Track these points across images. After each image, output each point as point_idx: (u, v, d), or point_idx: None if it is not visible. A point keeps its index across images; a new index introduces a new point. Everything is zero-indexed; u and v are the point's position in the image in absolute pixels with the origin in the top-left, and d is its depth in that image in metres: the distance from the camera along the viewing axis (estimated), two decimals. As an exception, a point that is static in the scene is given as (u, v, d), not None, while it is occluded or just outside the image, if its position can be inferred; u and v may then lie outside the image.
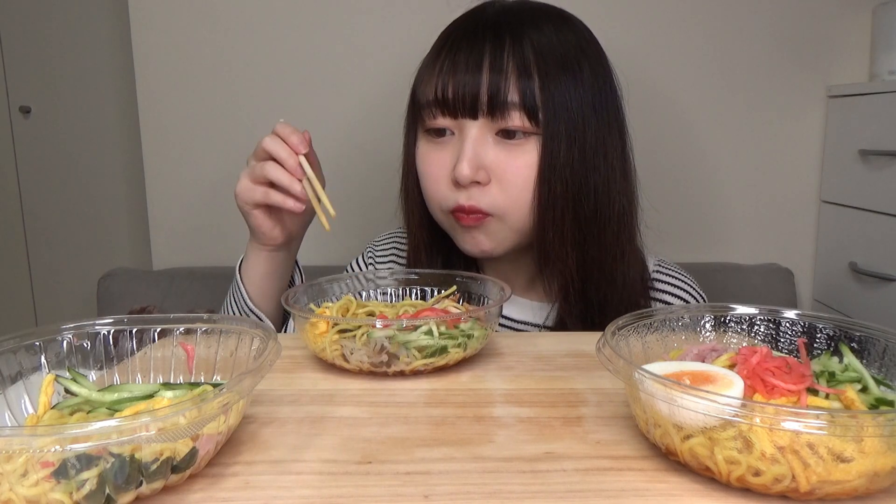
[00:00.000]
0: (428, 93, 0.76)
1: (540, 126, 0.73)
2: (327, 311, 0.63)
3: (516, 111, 0.73)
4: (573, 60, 0.75)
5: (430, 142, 0.79)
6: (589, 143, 0.75)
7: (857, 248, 1.34)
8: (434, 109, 0.76)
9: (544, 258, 0.78)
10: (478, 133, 0.75)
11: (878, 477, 0.36)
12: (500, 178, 0.75)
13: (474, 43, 0.75)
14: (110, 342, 0.50)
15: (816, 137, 1.43)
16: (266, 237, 0.80)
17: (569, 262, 0.77)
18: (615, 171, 0.78)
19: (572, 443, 0.44)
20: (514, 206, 0.75)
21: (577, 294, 0.78)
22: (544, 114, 0.73)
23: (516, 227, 0.77)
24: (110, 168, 1.74)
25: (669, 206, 1.43)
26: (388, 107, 1.37)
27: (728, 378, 0.41)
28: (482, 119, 0.74)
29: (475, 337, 0.58)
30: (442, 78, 0.75)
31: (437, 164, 0.78)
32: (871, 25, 1.38)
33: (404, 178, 0.85)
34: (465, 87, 0.73)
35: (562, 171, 0.74)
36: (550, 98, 0.73)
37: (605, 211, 0.77)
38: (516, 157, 0.74)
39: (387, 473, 0.40)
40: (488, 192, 0.75)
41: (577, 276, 0.77)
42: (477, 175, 0.74)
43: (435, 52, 0.78)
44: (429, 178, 0.79)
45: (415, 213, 0.84)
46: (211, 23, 1.38)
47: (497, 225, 0.77)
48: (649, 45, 1.38)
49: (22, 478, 0.34)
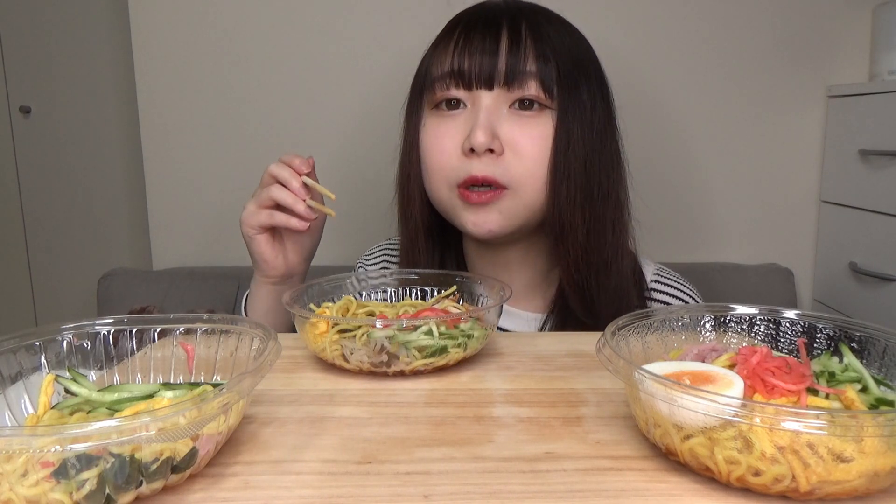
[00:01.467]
0: (443, 66, 0.76)
1: (555, 101, 0.74)
2: (327, 311, 0.63)
3: (534, 81, 0.73)
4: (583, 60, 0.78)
5: (439, 116, 0.78)
6: (597, 128, 0.76)
7: (857, 248, 1.34)
8: (448, 81, 0.76)
9: (555, 235, 0.77)
10: (492, 103, 0.74)
11: (878, 477, 0.36)
12: (514, 148, 0.74)
13: (490, 23, 0.76)
14: (110, 342, 0.50)
15: (816, 137, 1.43)
16: (269, 266, 0.79)
17: (580, 237, 0.76)
18: (614, 162, 0.79)
19: (572, 443, 0.44)
20: (529, 178, 0.74)
21: (582, 278, 0.78)
22: (559, 90, 0.74)
23: (529, 201, 0.76)
24: (110, 168, 1.74)
25: (669, 206, 1.43)
26: (388, 106, 1.37)
27: (728, 378, 0.41)
28: (497, 90, 0.74)
29: (475, 337, 0.58)
30: (458, 52, 0.75)
31: (447, 136, 0.76)
32: (871, 25, 1.38)
33: (403, 163, 0.83)
34: (481, 59, 0.74)
35: (575, 146, 0.74)
36: (566, 75, 0.74)
37: (606, 198, 0.78)
38: (531, 129, 0.74)
39: (387, 473, 0.40)
40: (502, 161, 0.74)
41: (585, 255, 0.77)
42: (492, 143, 0.73)
43: (447, 33, 0.78)
44: (437, 150, 0.77)
45: (414, 198, 0.82)
46: (211, 23, 1.38)
47: (511, 200, 0.75)
48: (649, 45, 1.38)
49: (22, 478, 0.34)
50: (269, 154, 1.40)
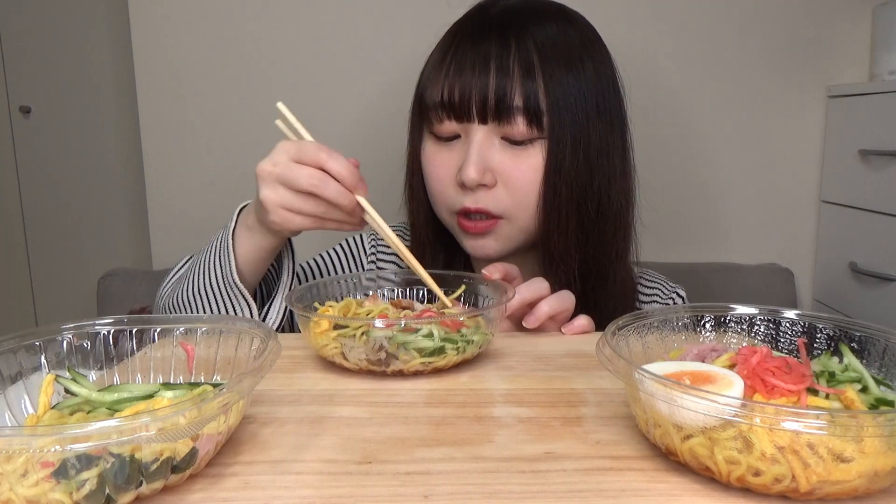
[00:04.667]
0: (434, 95, 0.77)
1: (544, 131, 0.74)
2: (330, 310, 0.63)
3: (521, 116, 0.73)
4: (576, 58, 0.76)
5: (436, 144, 0.79)
6: (593, 145, 0.76)
7: (857, 248, 1.34)
8: (441, 112, 0.76)
9: (549, 259, 0.78)
10: (484, 136, 0.75)
11: (878, 477, 0.36)
12: (505, 180, 0.76)
13: (479, 44, 0.75)
14: (110, 342, 0.50)
15: (816, 137, 1.43)
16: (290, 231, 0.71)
17: (572, 262, 0.78)
18: (616, 170, 0.78)
19: (572, 443, 0.44)
20: (521, 208, 0.76)
21: (577, 294, 0.79)
22: (549, 118, 0.74)
23: (525, 227, 0.78)
24: (110, 168, 1.74)
25: (669, 206, 1.43)
26: (387, 106, 1.37)
27: (728, 378, 0.41)
28: (488, 123, 0.75)
29: (475, 342, 0.58)
30: (448, 80, 0.75)
31: (443, 167, 0.78)
32: (871, 25, 1.38)
33: (409, 177, 0.85)
34: (470, 91, 0.74)
35: (567, 174, 0.75)
36: (555, 102, 0.73)
37: (606, 211, 0.78)
38: (522, 161, 0.75)
39: (387, 473, 0.40)
40: (494, 194, 0.76)
41: (578, 276, 0.78)
42: (483, 178, 0.75)
43: (440, 53, 0.78)
44: (435, 179, 0.80)
45: (420, 211, 0.84)
46: (211, 23, 1.38)
47: (507, 228, 0.78)
48: (648, 45, 1.38)
49: (22, 478, 0.34)
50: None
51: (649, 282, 0.90)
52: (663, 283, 0.91)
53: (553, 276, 0.79)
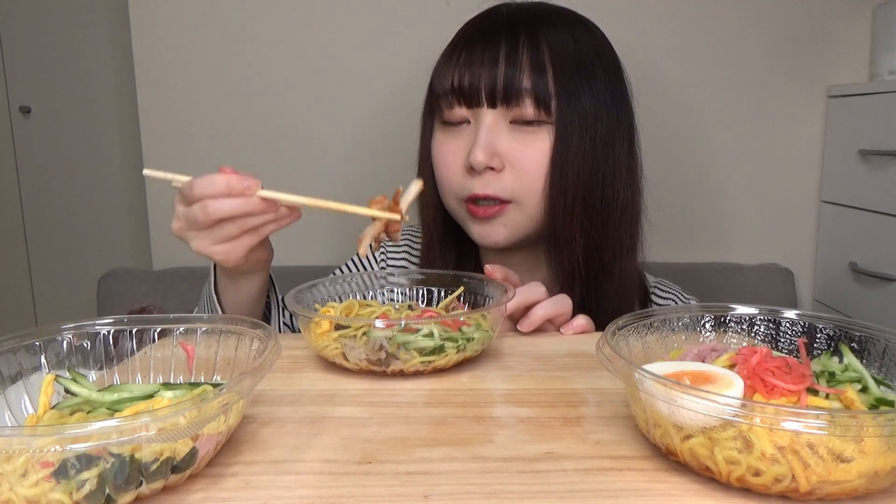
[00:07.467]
0: (445, 83, 0.78)
1: (552, 116, 0.75)
2: (331, 310, 0.63)
3: (530, 99, 0.74)
4: (587, 62, 0.77)
5: (445, 131, 0.80)
6: (599, 135, 0.77)
7: (857, 248, 1.34)
8: (450, 98, 0.77)
9: (554, 244, 0.79)
10: (492, 121, 0.76)
11: (878, 477, 0.36)
12: (513, 164, 0.76)
13: (490, 38, 0.76)
14: (110, 342, 0.50)
15: (816, 137, 1.43)
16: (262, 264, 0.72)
17: (576, 248, 0.78)
18: (621, 165, 0.79)
19: (572, 443, 0.44)
20: (528, 192, 0.77)
21: (580, 285, 0.79)
22: (557, 104, 0.75)
23: (533, 213, 0.78)
24: (110, 168, 1.74)
25: (669, 205, 1.43)
26: (388, 106, 1.37)
27: (728, 378, 0.41)
28: (497, 108, 0.76)
29: (475, 339, 0.58)
30: (458, 69, 0.77)
31: (451, 152, 0.79)
32: (871, 25, 1.38)
33: (420, 172, 0.85)
34: (480, 76, 0.75)
35: (573, 159, 0.75)
36: (563, 90, 0.75)
37: (612, 202, 0.78)
38: (529, 145, 0.76)
39: (387, 473, 0.40)
40: (502, 178, 0.76)
41: (582, 263, 0.78)
42: (491, 161, 0.75)
43: (451, 48, 0.80)
44: (443, 165, 0.80)
45: (429, 206, 0.85)
46: (211, 23, 1.38)
47: (516, 213, 0.78)
48: (648, 45, 1.38)
49: (22, 478, 0.34)
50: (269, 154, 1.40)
51: (664, 291, 0.90)
52: (677, 294, 0.91)
53: (557, 263, 0.80)
